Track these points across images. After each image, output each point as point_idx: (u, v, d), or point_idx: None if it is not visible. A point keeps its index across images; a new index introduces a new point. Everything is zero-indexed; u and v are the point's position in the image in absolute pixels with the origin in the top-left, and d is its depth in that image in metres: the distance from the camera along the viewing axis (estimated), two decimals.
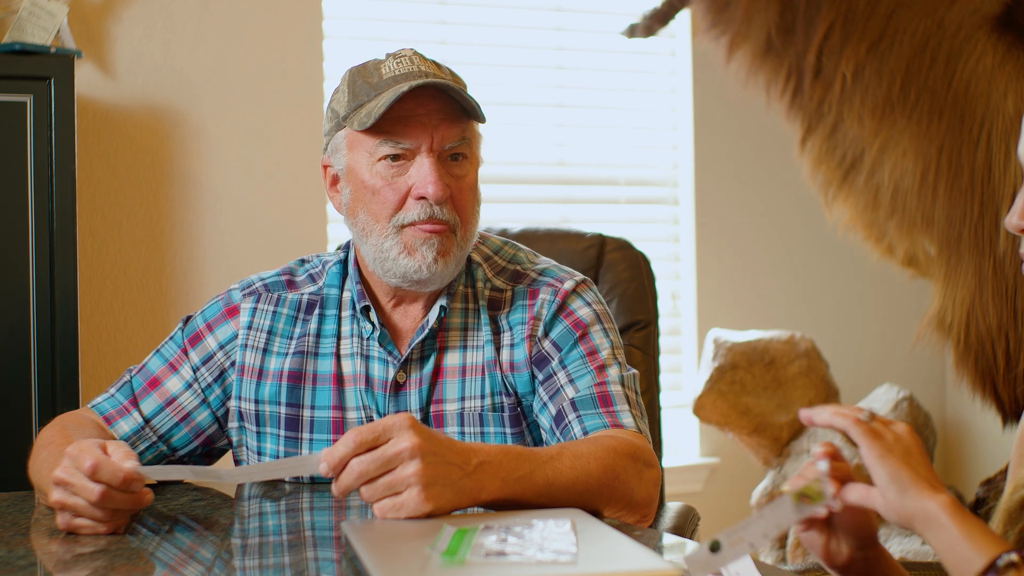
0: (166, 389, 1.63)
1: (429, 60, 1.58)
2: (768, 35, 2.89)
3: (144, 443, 1.61)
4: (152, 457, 1.62)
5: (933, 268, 2.91)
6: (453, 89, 1.52)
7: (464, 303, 1.63)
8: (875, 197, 2.90)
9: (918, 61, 2.81)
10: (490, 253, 1.68)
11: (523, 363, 1.59)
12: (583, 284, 1.64)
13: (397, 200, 1.54)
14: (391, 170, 1.54)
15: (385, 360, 1.60)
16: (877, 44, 2.82)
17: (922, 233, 2.87)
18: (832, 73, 2.85)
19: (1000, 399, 2.86)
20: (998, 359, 2.79)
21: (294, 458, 1.27)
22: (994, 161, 2.75)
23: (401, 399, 1.59)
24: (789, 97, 2.93)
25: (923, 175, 2.81)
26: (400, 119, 1.52)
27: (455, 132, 1.54)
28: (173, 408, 1.62)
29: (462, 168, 1.56)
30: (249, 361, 1.62)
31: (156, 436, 1.62)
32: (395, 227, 1.54)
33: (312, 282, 1.67)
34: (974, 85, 2.78)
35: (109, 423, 1.61)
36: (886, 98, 2.82)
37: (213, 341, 1.64)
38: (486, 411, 1.58)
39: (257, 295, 1.65)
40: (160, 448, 1.63)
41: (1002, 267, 2.76)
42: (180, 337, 1.66)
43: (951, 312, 2.84)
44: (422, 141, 1.52)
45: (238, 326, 1.64)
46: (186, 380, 1.63)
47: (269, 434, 1.61)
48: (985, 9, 2.80)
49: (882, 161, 2.86)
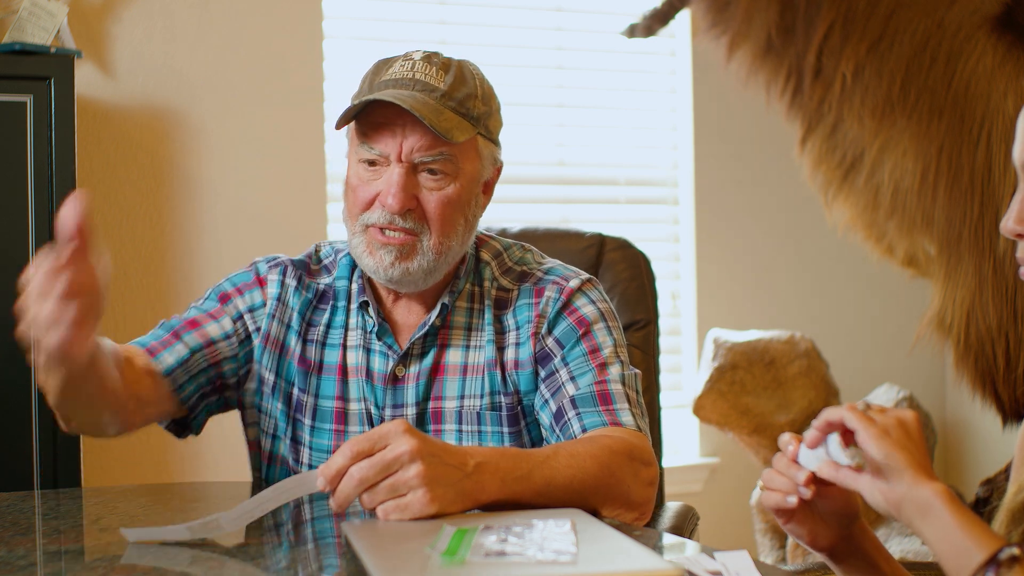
0: (206, 331, 1.62)
1: (437, 64, 1.56)
2: (768, 35, 2.89)
3: (185, 376, 1.59)
4: (192, 391, 1.60)
5: (933, 268, 2.91)
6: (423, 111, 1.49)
7: (470, 302, 1.64)
8: (875, 197, 2.90)
9: (918, 61, 2.81)
10: (500, 250, 1.69)
11: (528, 360, 1.60)
12: (588, 283, 1.65)
13: (366, 201, 1.55)
14: (368, 172, 1.56)
15: (385, 353, 1.61)
16: (877, 44, 2.82)
17: (922, 233, 2.87)
18: (832, 73, 2.85)
19: (1000, 399, 2.86)
20: (998, 359, 2.79)
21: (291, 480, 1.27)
22: (994, 161, 2.75)
23: (399, 392, 1.60)
24: (789, 97, 2.93)
25: (923, 175, 2.81)
26: (377, 125, 1.54)
27: (426, 145, 1.52)
28: (210, 351, 1.61)
29: (439, 182, 1.54)
30: (274, 332, 1.63)
31: (198, 369, 1.60)
32: (361, 226, 1.56)
33: (327, 272, 1.69)
34: (974, 85, 2.78)
35: (153, 354, 1.57)
36: (886, 98, 2.82)
37: (242, 303, 1.65)
38: (484, 410, 1.59)
39: (284, 268, 1.67)
40: (200, 380, 1.61)
41: (1002, 267, 2.76)
42: (213, 295, 1.66)
43: (951, 312, 2.84)
44: (391, 150, 1.53)
45: (266, 296, 1.65)
46: (225, 330, 1.63)
47: (280, 410, 1.63)
48: (985, 9, 2.80)
49: (882, 161, 2.86)
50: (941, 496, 1.01)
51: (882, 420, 1.06)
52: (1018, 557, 0.96)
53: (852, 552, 1.16)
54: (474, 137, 1.57)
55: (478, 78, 1.59)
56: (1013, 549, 0.97)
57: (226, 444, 1.72)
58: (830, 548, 1.16)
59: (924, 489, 1.01)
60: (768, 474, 1.14)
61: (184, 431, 1.66)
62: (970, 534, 0.99)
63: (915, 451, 1.04)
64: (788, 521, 1.14)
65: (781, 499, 1.12)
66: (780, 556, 3.16)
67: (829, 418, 1.09)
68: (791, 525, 1.15)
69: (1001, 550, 0.97)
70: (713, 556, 1.13)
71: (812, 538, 1.15)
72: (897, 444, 1.04)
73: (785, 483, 1.12)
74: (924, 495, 1.01)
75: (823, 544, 1.15)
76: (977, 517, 1.01)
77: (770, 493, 1.14)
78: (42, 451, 2.29)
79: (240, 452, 1.76)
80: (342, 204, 1.62)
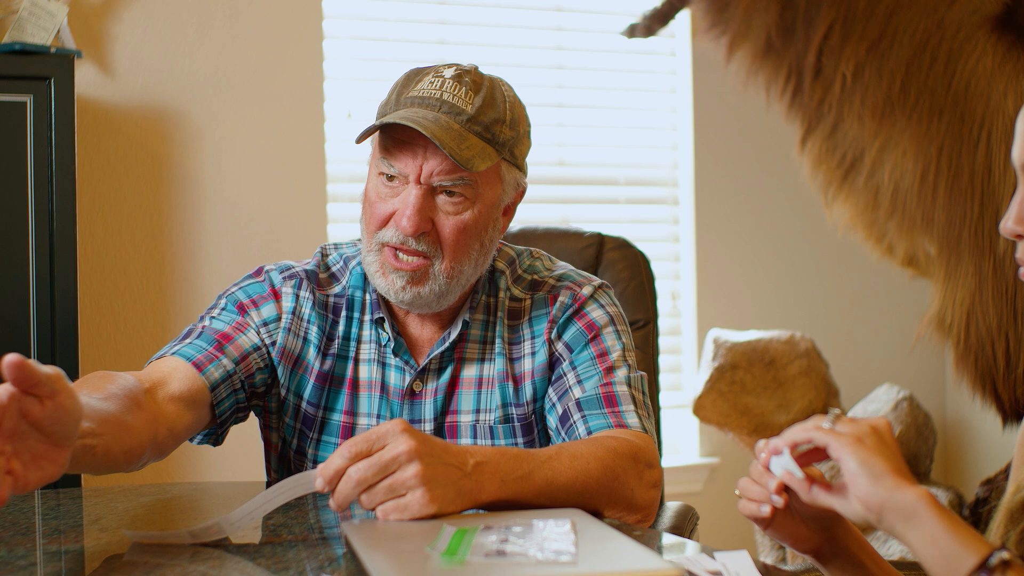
0: (240, 344, 1.58)
1: (467, 85, 1.51)
2: (768, 35, 2.89)
3: (227, 390, 1.56)
4: (228, 407, 1.57)
5: (933, 268, 2.91)
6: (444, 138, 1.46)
7: (485, 314, 1.63)
8: (875, 197, 2.90)
9: (918, 61, 2.81)
10: (513, 256, 1.69)
11: (542, 366, 1.60)
12: (600, 289, 1.66)
13: (382, 218, 1.53)
14: (386, 188, 1.53)
15: (402, 368, 1.60)
16: (877, 44, 2.82)
17: (922, 233, 2.87)
18: (832, 73, 2.85)
19: (1000, 399, 2.86)
20: (998, 359, 2.79)
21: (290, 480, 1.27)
22: (994, 161, 2.75)
23: (416, 408, 1.60)
24: (789, 97, 2.93)
25: (923, 175, 2.81)
26: (399, 143, 1.51)
27: (446, 169, 1.49)
28: (245, 364, 1.58)
29: (456, 206, 1.52)
30: (290, 346, 1.61)
31: (239, 384, 1.57)
32: (377, 244, 1.54)
33: (335, 281, 1.66)
34: (974, 85, 2.78)
35: (200, 369, 1.53)
36: (886, 98, 2.82)
37: (257, 316, 1.61)
38: (497, 422, 1.59)
39: (298, 280, 1.64)
40: (238, 396, 1.58)
41: (1002, 267, 2.76)
42: (231, 307, 1.62)
43: (951, 312, 2.84)
44: (410, 171, 1.50)
45: (281, 310, 1.62)
46: (254, 342, 1.59)
47: (287, 424, 1.63)
48: (985, 9, 2.80)
49: (882, 161, 2.86)
50: (925, 501, 0.98)
51: (853, 430, 1.04)
52: (1009, 561, 0.95)
53: (837, 553, 1.15)
54: (497, 163, 1.54)
55: (509, 100, 1.55)
56: (1003, 553, 0.95)
57: (226, 444, 1.72)
58: (814, 550, 1.15)
59: (907, 494, 0.99)
60: (744, 482, 1.13)
61: (207, 439, 1.64)
62: (957, 539, 0.97)
63: (892, 456, 1.02)
64: (767, 527, 1.14)
65: (756, 508, 1.11)
66: (780, 556, 3.16)
67: (794, 438, 1.07)
68: (771, 531, 1.14)
69: (991, 554, 0.95)
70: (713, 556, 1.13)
71: (795, 541, 1.15)
72: (874, 450, 1.01)
73: (759, 492, 1.11)
74: (907, 500, 0.99)
75: (807, 547, 1.15)
76: (962, 521, 0.99)
77: (746, 502, 1.13)
78: None
79: (240, 452, 1.76)
80: (342, 204, 1.62)
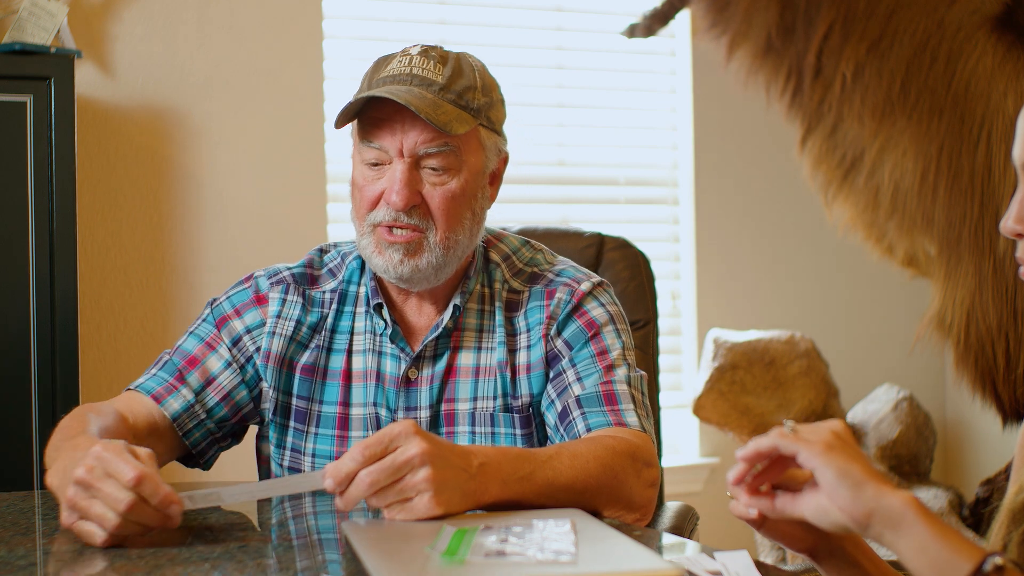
0: (206, 368, 1.61)
1: (434, 58, 1.55)
2: (768, 35, 2.89)
3: (193, 421, 1.59)
4: (200, 436, 1.60)
5: (933, 268, 2.91)
6: (420, 105, 1.49)
7: (480, 304, 1.64)
8: (875, 197, 2.90)
9: (918, 61, 2.81)
10: (509, 252, 1.69)
11: (539, 362, 1.60)
12: (600, 286, 1.66)
13: (371, 200, 1.55)
14: (372, 172, 1.56)
15: (397, 356, 1.61)
16: (877, 44, 2.82)
17: (922, 233, 2.87)
18: (832, 73, 2.85)
19: (1000, 399, 2.86)
20: (998, 359, 2.79)
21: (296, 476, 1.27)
22: (994, 161, 2.75)
23: (411, 395, 1.60)
24: (789, 97, 2.93)
25: (923, 175, 2.81)
26: (377, 122, 1.53)
27: (426, 138, 1.52)
28: (214, 387, 1.61)
29: (442, 176, 1.54)
30: (276, 349, 1.62)
31: (204, 414, 1.60)
32: (369, 226, 1.56)
33: (332, 277, 1.68)
34: (974, 85, 2.78)
35: (158, 401, 1.57)
36: (886, 98, 2.82)
37: (240, 325, 1.63)
38: (498, 411, 1.59)
39: (286, 285, 1.65)
40: (208, 426, 1.61)
41: (1002, 267, 2.76)
42: (211, 318, 1.65)
43: (951, 312, 2.84)
44: (392, 146, 1.53)
45: (266, 315, 1.63)
46: (225, 359, 1.62)
47: (279, 424, 1.63)
48: (985, 9, 2.80)
49: (882, 161, 2.86)
50: (912, 507, 0.96)
51: (819, 436, 1.01)
52: (1003, 566, 0.93)
53: (832, 551, 1.15)
54: (475, 128, 1.56)
55: (478, 69, 1.59)
56: (996, 558, 0.94)
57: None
58: (810, 549, 1.15)
59: (892, 500, 0.97)
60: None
61: (193, 465, 1.66)
62: (949, 544, 0.95)
63: (862, 459, 0.99)
64: (759, 528, 1.14)
65: (745, 510, 1.11)
66: (780, 556, 3.16)
67: (759, 448, 1.05)
68: (764, 531, 1.14)
69: (985, 560, 0.94)
70: (713, 556, 1.13)
71: (789, 541, 1.14)
72: (848, 457, 0.99)
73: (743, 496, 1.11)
74: (894, 507, 0.96)
75: (801, 546, 1.15)
76: (950, 526, 0.97)
77: (735, 503, 1.13)
78: (42, 451, 2.29)
79: (239, 453, 1.76)
80: (342, 204, 1.63)
